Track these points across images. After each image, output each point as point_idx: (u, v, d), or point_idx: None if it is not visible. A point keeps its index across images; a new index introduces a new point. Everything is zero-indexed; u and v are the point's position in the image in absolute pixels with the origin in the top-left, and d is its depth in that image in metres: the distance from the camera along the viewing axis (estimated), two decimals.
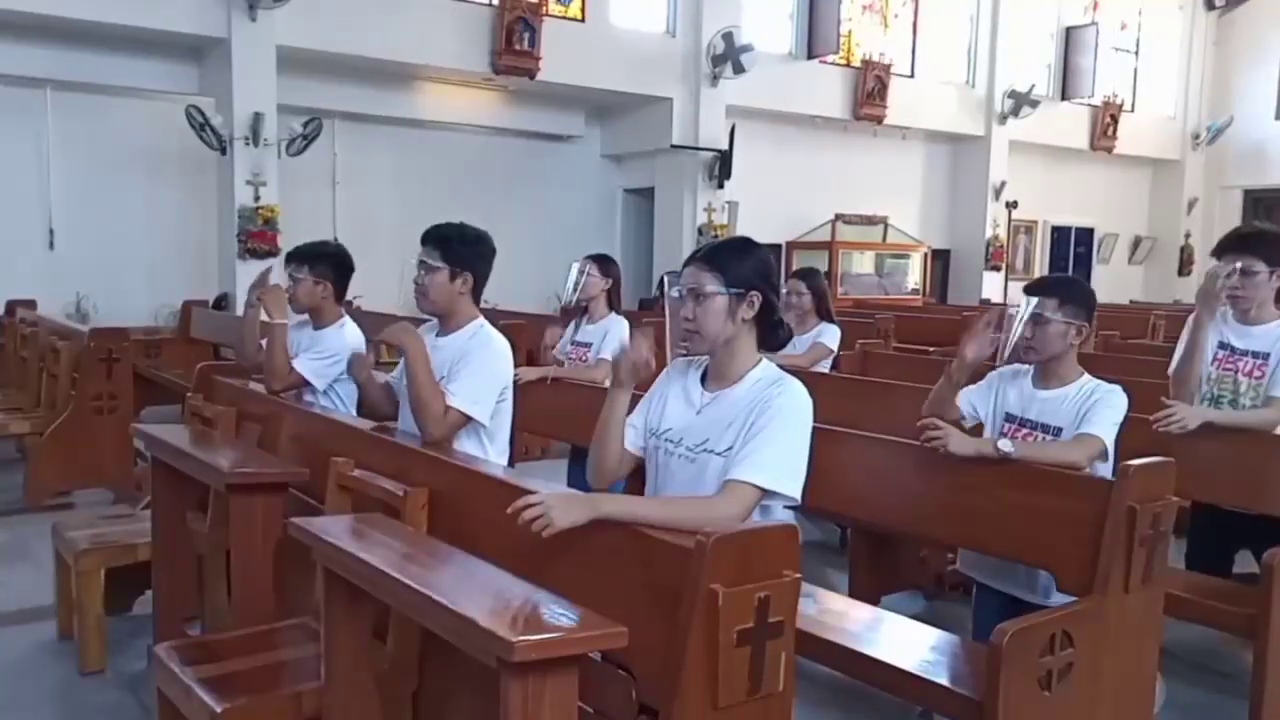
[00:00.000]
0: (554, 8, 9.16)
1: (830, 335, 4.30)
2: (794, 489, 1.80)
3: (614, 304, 3.92)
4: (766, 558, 1.56)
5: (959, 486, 2.38)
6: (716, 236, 10.13)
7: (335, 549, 1.78)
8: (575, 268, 3.87)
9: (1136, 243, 15.04)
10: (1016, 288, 12.72)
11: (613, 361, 1.96)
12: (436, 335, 2.57)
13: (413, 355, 2.39)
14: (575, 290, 3.83)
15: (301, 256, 3.14)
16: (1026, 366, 2.53)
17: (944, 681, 2.14)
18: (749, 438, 1.79)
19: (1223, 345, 2.97)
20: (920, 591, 3.59)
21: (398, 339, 2.41)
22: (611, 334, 3.79)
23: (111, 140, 7.92)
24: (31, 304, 6.75)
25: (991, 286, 12.46)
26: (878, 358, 4.83)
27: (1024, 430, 2.45)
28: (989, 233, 12.54)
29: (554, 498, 1.72)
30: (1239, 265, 2.83)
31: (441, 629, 1.54)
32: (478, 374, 2.42)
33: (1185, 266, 14.89)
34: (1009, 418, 2.50)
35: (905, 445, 2.54)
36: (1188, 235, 14.87)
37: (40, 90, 7.66)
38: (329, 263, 3.15)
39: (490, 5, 8.68)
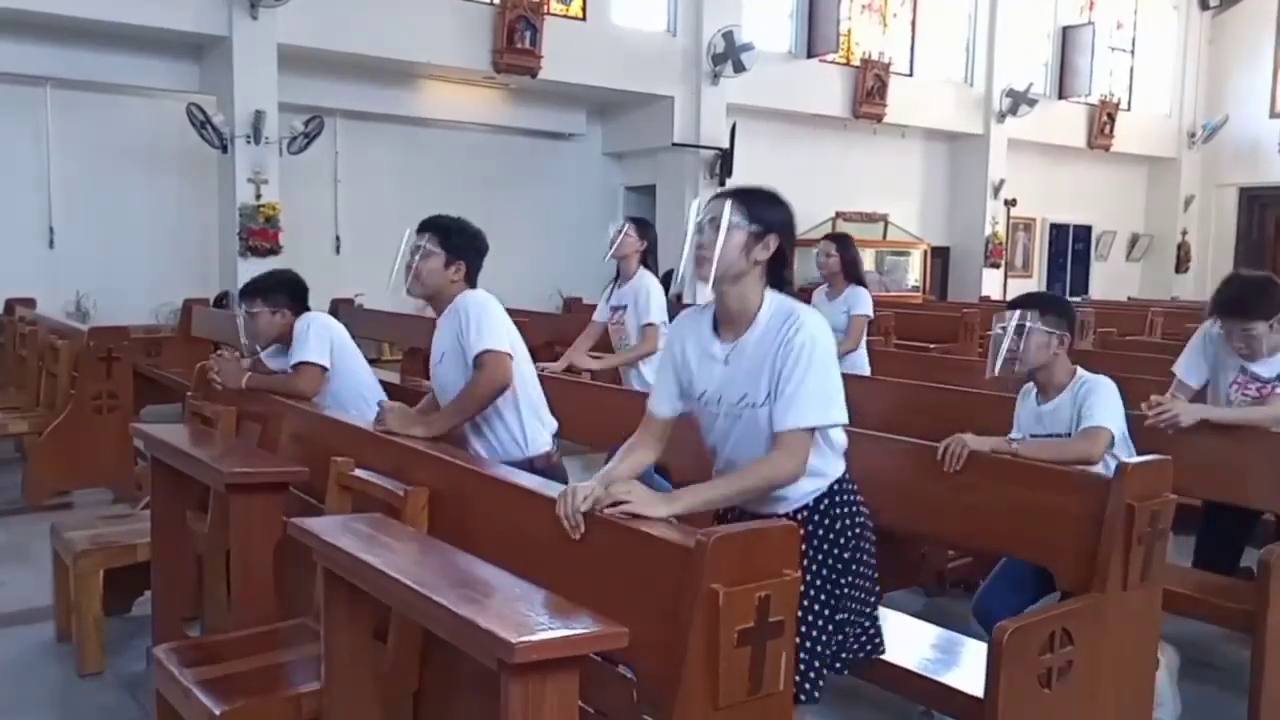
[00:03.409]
0: (555, 6, 9.16)
1: (863, 302, 4.45)
2: (840, 415, 1.85)
3: (647, 265, 4.03)
4: (767, 557, 1.56)
5: (959, 484, 2.39)
6: None
7: (335, 549, 1.78)
8: (614, 227, 4.04)
9: (1134, 240, 15.06)
10: (1016, 285, 12.79)
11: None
12: (438, 318, 2.64)
13: (436, 431, 2.45)
14: (612, 248, 3.97)
15: (253, 292, 3.19)
16: (1031, 386, 2.69)
17: (945, 679, 2.15)
18: (781, 384, 1.81)
19: (1243, 370, 2.98)
20: (921, 589, 3.60)
21: (408, 431, 2.44)
22: (642, 292, 3.89)
23: (112, 138, 7.91)
24: (31, 302, 6.75)
25: (991, 284, 12.48)
26: (878, 355, 4.82)
27: None
28: (988, 230, 12.56)
29: (641, 493, 1.75)
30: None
31: (442, 630, 1.54)
32: (477, 321, 2.48)
33: (1182, 264, 14.93)
34: (1034, 438, 2.64)
35: (906, 443, 2.56)
36: (1184, 232, 14.91)
37: (41, 88, 7.65)
38: (283, 291, 3.19)
39: (491, 4, 8.67)
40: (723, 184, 10.09)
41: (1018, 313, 2.58)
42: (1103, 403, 2.48)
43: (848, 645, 1.94)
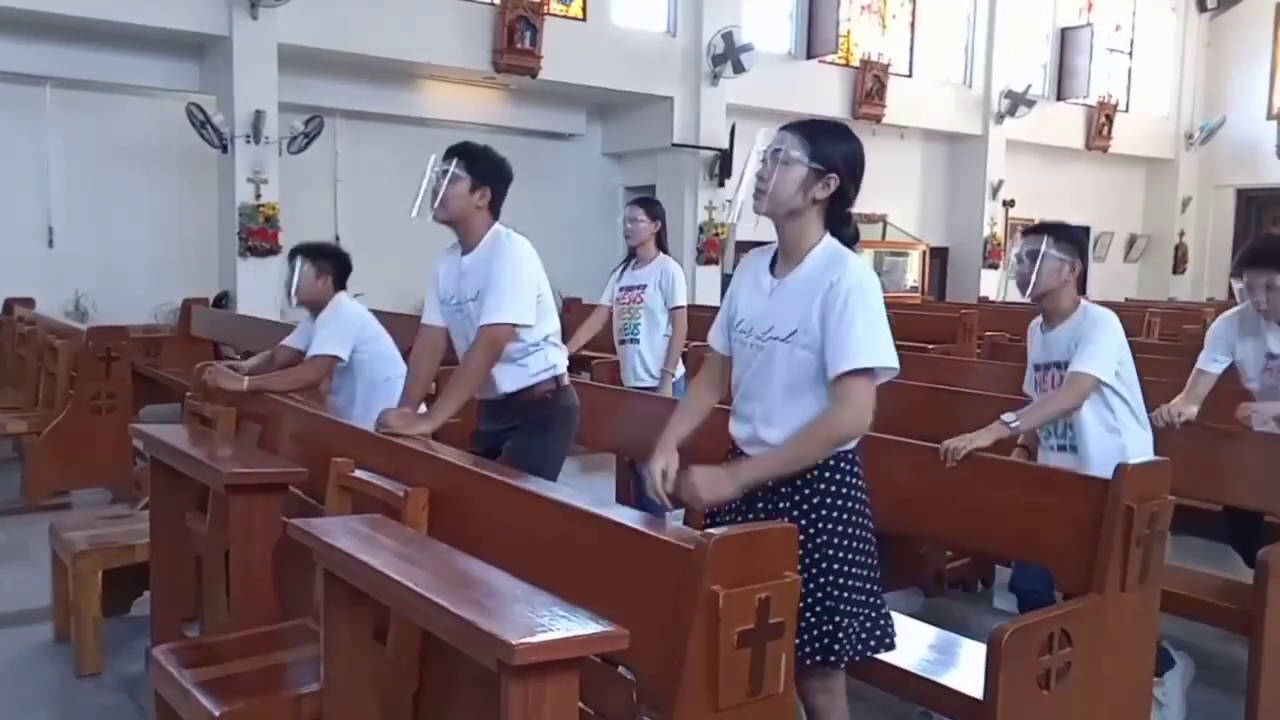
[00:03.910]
0: (555, 7, 9.16)
1: None
2: (892, 359, 1.83)
3: (662, 245, 4.08)
4: (767, 558, 1.56)
5: (958, 485, 2.40)
6: (718, 235, 10.14)
7: (335, 551, 1.78)
8: (624, 215, 4.10)
9: (1132, 241, 15.07)
10: (1014, 286, 12.80)
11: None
12: (463, 255, 2.67)
13: (439, 420, 2.49)
14: (628, 237, 4.04)
15: (306, 251, 3.41)
16: (1038, 320, 2.77)
17: (944, 680, 2.15)
18: (828, 331, 1.80)
19: (1271, 356, 3.00)
20: (920, 589, 3.60)
21: (413, 430, 2.47)
22: (667, 276, 3.95)
23: (112, 138, 7.89)
24: (30, 302, 6.74)
25: (989, 284, 12.48)
26: None
27: (1047, 374, 2.68)
28: (986, 231, 12.57)
29: (700, 475, 1.79)
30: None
31: (442, 631, 1.54)
32: (504, 284, 2.52)
33: (1180, 265, 14.95)
34: (1036, 367, 2.74)
35: (904, 444, 2.56)
36: (1182, 234, 14.93)
37: (41, 87, 7.64)
38: (332, 261, 3.41)
39: (492, 4, 8.67)
40: (722, 185, 10.11)
41: (1032, 237, 2.67)
42: (1095, 344, 2.54)
43: (849, 639, 1.82)
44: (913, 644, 2.35)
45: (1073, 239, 2.69)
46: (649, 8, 9.83)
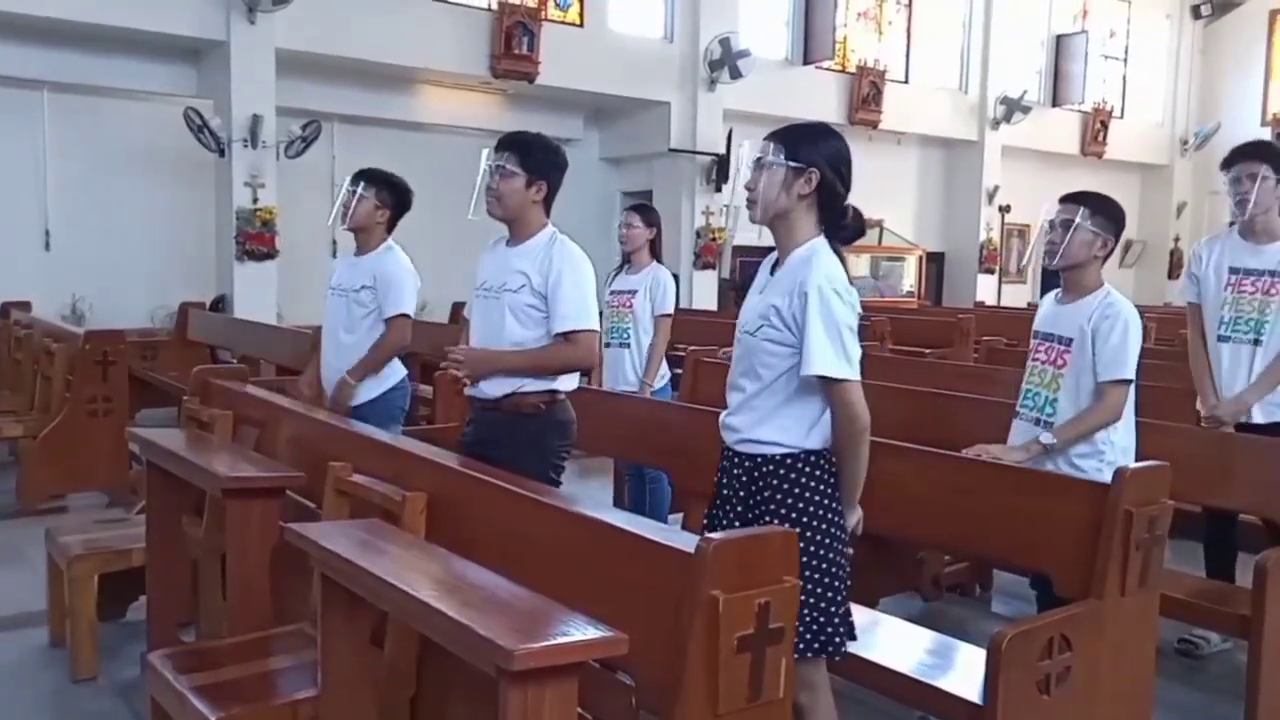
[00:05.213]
0: (553, 12, 9.18)
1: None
2: (854, 371, 1.87)
3: (656, 253, 4.11)
4: (767, 563, 1.56)
5: (957, 490, 2.40)
6: (715, 240, 10.15)
7: (332, 555, 1.78)
8: (619, 221, 4.16)
9: (1127, 246, 15.10)
10: (1010, 290, 12.83)
11: None
12: (508, 244, 2.62)
13: (506, 368, 2.49)
14: (623, 243, 4.08)
15: (372, 178, 3.34)
16: (1053, 293, 2.69)
17: (943, 684, 2.15)
18: (804, 335, 1.84)
19: (1234, 270, 3.03)
20: (918, 594, 3.60)
21: (482, 375, 2.51)
22: (658, 285, 3.99)
23: (109, 142, 7.88)
24: (26, 305, 6.73)
25: (985, 289, 12.51)
26: (874, 360, 4.80)
27: (1044, 344, 2.59)
28: (983, 236, 12.61)
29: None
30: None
31: (440, 636, 1.54)
32: (575, 288, 2.50)
33: (1175, 270, 14.99)
34: (1035, 334, 2.65)
35: (903, 448, 2.56)
36: (1177, 239, 14.97)
37: (38, 91, 7.63)
38: (394, 195, 3.33)
39: (489, 10, 8.69)
40: (719, 190, 10.13)
41: (1069, 206, 2.56)
42: (1119, 348, 2.42)
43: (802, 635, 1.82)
44: (911, 648, 2.35)
45: (1110, 214, 2.54)
46: (646, 13, 9.85)
